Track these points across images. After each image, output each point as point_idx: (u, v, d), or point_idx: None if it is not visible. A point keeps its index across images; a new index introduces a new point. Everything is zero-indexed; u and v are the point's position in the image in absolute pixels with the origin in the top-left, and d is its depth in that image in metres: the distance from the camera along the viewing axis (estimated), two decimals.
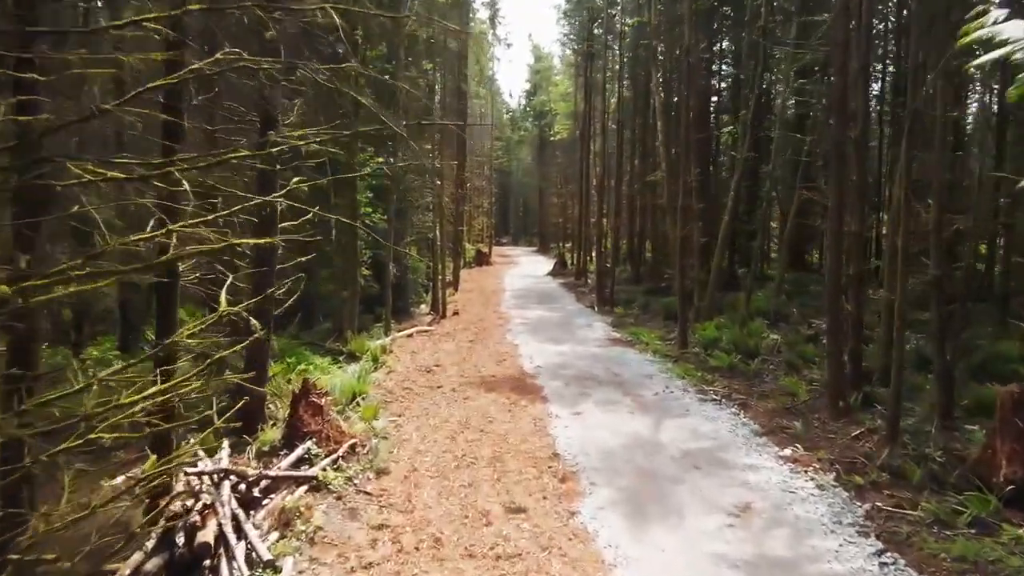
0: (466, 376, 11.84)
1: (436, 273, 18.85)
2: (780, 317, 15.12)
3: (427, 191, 18.81)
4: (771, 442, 8.41)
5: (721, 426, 9.00)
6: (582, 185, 27.99)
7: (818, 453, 7.86)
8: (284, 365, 10.77)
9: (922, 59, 7.95)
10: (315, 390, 7.65)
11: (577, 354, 13.66)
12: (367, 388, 10.21)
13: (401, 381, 11.40)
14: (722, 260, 16.18)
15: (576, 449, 8.12)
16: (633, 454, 7.93)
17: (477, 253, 39.57)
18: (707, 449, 8.12)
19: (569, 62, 45.76)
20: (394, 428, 8.85)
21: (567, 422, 9.19)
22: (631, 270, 26.39)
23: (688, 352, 13.20)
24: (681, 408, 9.86)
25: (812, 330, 13.71)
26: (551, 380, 11.55)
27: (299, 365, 10.99)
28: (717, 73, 23.41)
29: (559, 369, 12.36)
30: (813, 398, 9.99)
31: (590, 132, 28.38)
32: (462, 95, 23.32)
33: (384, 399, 10.25)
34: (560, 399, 10.35)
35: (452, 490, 6.92)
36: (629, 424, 9.08)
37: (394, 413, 9.58)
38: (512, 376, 11.88)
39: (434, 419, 9.32)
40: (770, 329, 14.70)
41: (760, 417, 9.41)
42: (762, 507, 6.51)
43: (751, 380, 11.54)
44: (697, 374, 11.75)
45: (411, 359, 13.18)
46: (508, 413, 9.63)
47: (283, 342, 13.06)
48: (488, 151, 52.59)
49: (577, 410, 9.77)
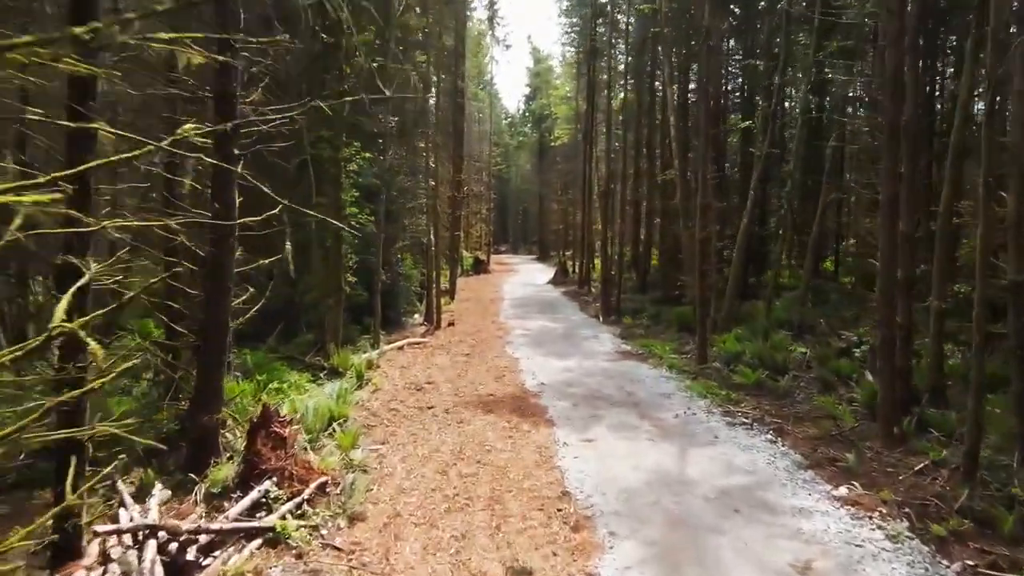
0: (461, 395, 10.55)
1: (430, 281, 17.57)
2: (805, 328, 13.85)
3: (420, 192, 17.57)
4: (819, 477, 7.12)
5: (758, 457, 7.71)
6: (584, 189, 26.81)
7: (880, 493, 6.58)
8: (254, 383, 9.48)
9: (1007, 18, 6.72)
10: (277, 418, 6.36)
11: (585, 369, 12.37)
12: (347, 410, 8.92)
13: (387, 401, 10.10)
14: (740, 266, 14.94)
15: (590, 487, 6.83)
16: (659, 494, 6.64)
17: (475, 261, 38.32)
18: (746, 487, 6.83)
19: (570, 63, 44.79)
20: (376, 459, 7.55)
21: (577, 451, 7.90)
22: (636, 278, 25.14)
23: (708, 367, 11.92)
24: (708, 434, 8.58)
25: (843, 343, 12.44)
26: (557, 400, 10.27)
27: (271, 383, 9.71)
28: (726, 72, 22.28)
29: (565, 387, 11.08)
30: (859, 422, 8.71)
31: (593, 134, 27.23)
32: (459, 93, 22.14)
33: (367, 423, 8.95)
34: (568, 423, 9.07)
35: (441, 543, 5.62)
36: (650, 454, 7.79)
37: (377, 440, 8.28)
38: (513, 395, 10.60)
39: (423, 447, 8.02)
40: (795, 341, 13.45)
41: (801, 445, 8.12)
42: (826, 567, 5.22)
43: (781, 400, 10.26)
44: (721, 393, 10.47)
45: (400, 375, 11.89)
46: (509, 440, 8.34)
47: (259, 356, 11.80)
48: (487, 157, 51.54)
49: (588, 436, 8.49)
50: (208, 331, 6.57)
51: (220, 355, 6.57)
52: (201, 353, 6.69)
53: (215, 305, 6.58)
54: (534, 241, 62.62)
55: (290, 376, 10.59)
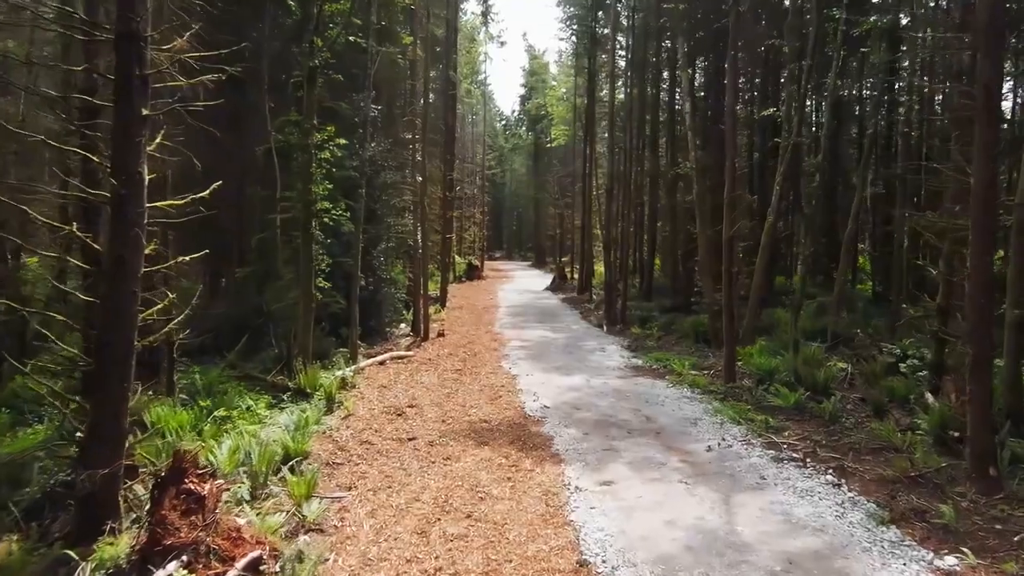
0: (449, 422, 8.88)
1: (417, 287, 15.91)
2: (840, 340, 12.26)
3: (406, 188, 15.94)
4: (910, 538, 5.49)
5: (822, 507, 6.08)
6: (585, 189, 25.27)
7: (1004, 565, 4.95)
8: (194, 411, 7.79)
9: None
10: (194, 470, 4.69)
11: (594, 389, 10.72)
12: (306, 445, 7.23)
13: (360, 430, 8.41)
14: (765, 269, 13.37)
15: (614, 554, 5.18)
16: (707, 565, 4.99)
17: (468, 266, 36.64)
18: (818, 554, 5.19)
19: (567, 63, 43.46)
20: (337, 514, 5.87)
21: (594, 500, 6.25)
22: (640, 284, 23.53)
23: (737, 386, 10.29)
24: (753, 473, 6.94)
25: (890, 357, 10.85)
26: (563, 427, 8.63)
27: (218, 410, 8.03)
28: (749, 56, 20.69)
29: (573, 410, 9.43)
30: (940, 459, 7.09)
31: (594, 130, 25.73)
32: (451, 85, 20.54)
33: (331, 460, 7.27)
34: (579, 458, 7.42)
35: None
36: (686, 504, 6.14)
37: (342, 485, 6.60)
38: (511, 421, 8.94)
39: (399, 495, 6.35)
40: (829, 355, 11.87)
41: (873, 490, 6.49)
42: None
43: (829, 426, 8.64)
44: (757, 418, 8.85)
45: (379, 396, 10.20)
46: (507, 483, 6.68)
47: (212, 375, 10.14)
48: (480, 159, 50.08)
49: (606, 477, 6.84)
50: (104, 350, 4.90)
51: (121, 382, 4.89)
52: (95, 380, 5.01)
53: (114, 315, 4.91)
54: (529, 247, 61.18)
55: (245, 399, 8.91)
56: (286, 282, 12.29)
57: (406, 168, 16.49)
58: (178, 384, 9.45)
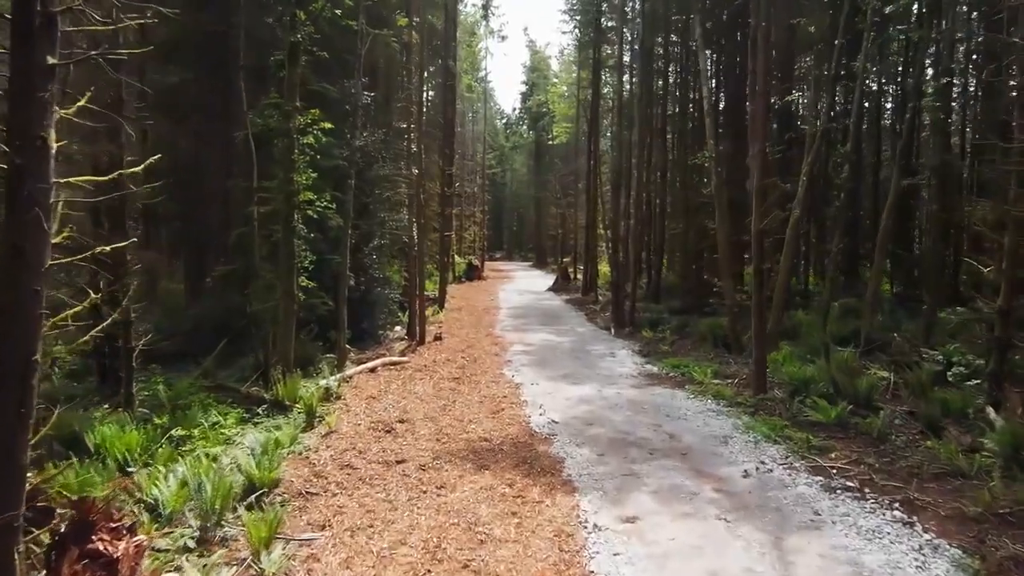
0: (445, 440, 7.79)
1: (413, 287, 14.82)
2: (875, 345, 11.16)
3: (400, 180, 14.85)
4: None
5: (898, 555, 4.98)
6: (589, 185, 24.22)
7: None
8: (147, 430, 6.71)
9: None
10: (107, 522, 3.60)
11: (607, 400, 9.62)
12: (276, 472, 6.13)
13: (342, 451, 7.31)
14: (789, 268, 12.28)
15: None
16: None
17: (468, 266, 35.55)
18: None
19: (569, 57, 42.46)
20: (303, 566, 4.78)
21: (617, 543, 5.17)
22: (647, 284, 22.42)
23: (768, 398, 9.20)
24: (803, 508, 5.84)
25: (937, 365, 9.76)
26: (575, 446, 7.54)
27: (175, 429, 6.94)
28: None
29: (585, 426, 8.34)
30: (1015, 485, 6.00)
31: (598, 125, 24.66)
32: (449, 74, 19.45)
33: (304, 490, 6.18)
34: (595, 486, 6.33)
35: None
36: (729, 549, 5.05)
37: (314, 523, 5.51)
38: (515, 439, 7.85)
39: (382, 538, 5.26)
40: (864, 362, 10.79)
41: (954, 531, 5.39)
42: None
43: (878, 446, 7.55)
44: (795, 435, 7.75)
45: (367, 409, 9.11)
46: (512, 520, 5.59)
47: (183, 385, 9.08)
48: (481, 158, 49.07)
49: (628, 512, 5.75)
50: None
51: (18, 407, 3.80)
52: None
53: (10, 322, 3.82)
54: (530, 248, 60.12)
55: (213, 414, 7.82)
56: (268, 281, 11.20)
57: (401, 160, 15.41)
58: (138, 397, 8.40)
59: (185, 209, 16.28)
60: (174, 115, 16.67)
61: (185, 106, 15.47)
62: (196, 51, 14.48)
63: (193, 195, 15.45)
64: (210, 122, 15.05)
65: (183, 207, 16.30)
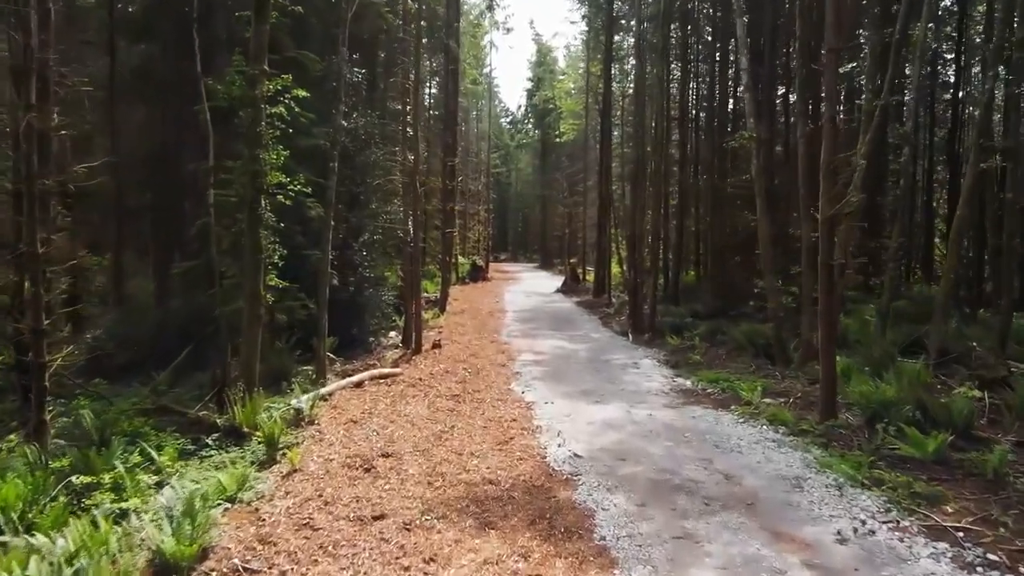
0: (438, 484, 6.08)
1: (410, 288, 13.15)
2: (950, 356, 9.44)
3: (396, 168, 13.19)
4: None
5: None
6: (601, 181, 22.54)
7: None
8: (38, 478, 5.05)
9: None
10: None
11: (639, 425, 7.90)
12: (203, 539, 4.45)
13: (304, 502, 5.61)
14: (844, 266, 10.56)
15: None
16: None
17: (472, 267, 33.90)
18: None
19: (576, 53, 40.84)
20: None
21: None
22: (664, 286, 20.66)
23: (839, 424, 7.46)
24: None
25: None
26: (606, 492, 5.83)
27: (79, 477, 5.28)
28: None
29: (616, 462, 6.63)
30: None
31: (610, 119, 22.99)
32: (451, 56, 17.78)
33: (242, 566, 4.49)
34: (641, 559, 4.62)
35: None
36: None
37: None
38: (528, 481, 6.14)
39: None
40: (939, 376, 9.08)
41: None
42: None
43: (996, 492, 5.82)
44: (890, 477, 6.01)
45: (344, 437, 7.41)
46: None
47: (121, 407, 7.44)
48: (485, 156, 47.49)
49: None
50: None
51: None
52: None
53: None
54: (535, 249, 58.54)
55: (145, 448, 6.15)
56: (237, 280, 9.56)
57: (396, 147, 13.76)
58: (56, 424, 6.77)
59: (159, 199, 14.73)
60: (148, 98, 15.12)
61: (163, 89, 13.95)
62: (170, 25, 12.93)
63: (169, 183, 13.89)
64: (189, 104, 13.58)
65: (158, 197, 14.76)
